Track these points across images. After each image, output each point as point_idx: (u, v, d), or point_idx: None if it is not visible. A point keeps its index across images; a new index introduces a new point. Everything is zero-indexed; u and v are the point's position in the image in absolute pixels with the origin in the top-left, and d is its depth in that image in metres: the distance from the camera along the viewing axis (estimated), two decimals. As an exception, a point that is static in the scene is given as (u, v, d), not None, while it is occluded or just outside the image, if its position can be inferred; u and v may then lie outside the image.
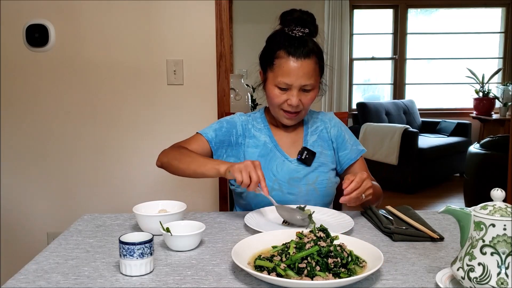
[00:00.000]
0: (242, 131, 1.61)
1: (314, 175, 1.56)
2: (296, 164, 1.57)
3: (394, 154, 4.96)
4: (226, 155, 1.59)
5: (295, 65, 1.46)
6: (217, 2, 2.32)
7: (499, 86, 6.11)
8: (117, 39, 2.35)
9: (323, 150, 1.61)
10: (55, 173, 2.42)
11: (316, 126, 1.66)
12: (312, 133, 1.64)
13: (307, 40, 1.49)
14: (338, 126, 1.66)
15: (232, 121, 1.62)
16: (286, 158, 1.58)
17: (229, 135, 1.60)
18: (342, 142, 1.64)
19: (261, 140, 1.60)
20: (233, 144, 1.60)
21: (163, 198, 1.78)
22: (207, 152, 1.58)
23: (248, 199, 1.55)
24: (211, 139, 1.58)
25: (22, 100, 2.37)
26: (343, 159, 1.63)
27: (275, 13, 1.57)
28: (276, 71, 1.49)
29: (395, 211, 1.41)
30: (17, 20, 2.32)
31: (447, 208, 0.91)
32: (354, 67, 6.27)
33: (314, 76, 1.49)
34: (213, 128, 1.61)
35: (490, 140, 3.92)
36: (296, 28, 1.49)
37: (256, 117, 1.66)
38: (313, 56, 1.48)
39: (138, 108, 2.39)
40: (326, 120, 1.67)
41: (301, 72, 1.46)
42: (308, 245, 1.01)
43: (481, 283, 0.83)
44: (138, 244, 1.01)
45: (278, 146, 1.60)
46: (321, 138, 1.63)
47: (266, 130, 1.63)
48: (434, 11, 6.33)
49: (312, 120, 1.67)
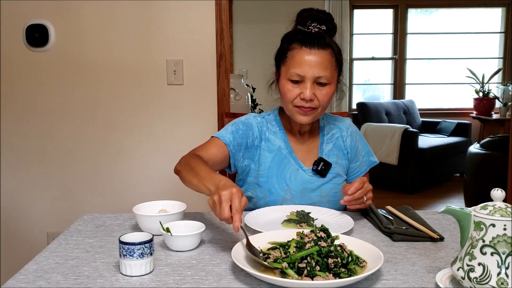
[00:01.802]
0: (259, 133, 1.54)
1: (328, 186, 1.52)
2: (311, 175, 1.52)
3: (394, 154, 4.96)
4: (243, 158, 1.53)
5: (308, 55, 1.39)
6: (217, 2, 2.32)
7: (499, 86, 6.11)
8: (117, 39, 2.35)
9: (338, 160, 1.56)
10: (55, 173, 2.42)
11: (332, 133, 1.59)
12: (328, 141, 1.58)
13: (323, 36, 1.43)
14: (354, 136, 1.60)
15: (248, 123, 1.54)
16: (300, 167, 1.52)
17: (246, 137, 1.52)
18: (355, 154, 1.60)
19: (276, 145, 1.53)
20: (249, 147, 1.52)
21: (163, 198, 1.77)
22: (226, 156, 1.50)
23: (252, 204, 1.54)
24: (229, 142, 1.49)
25: (22, 100, 2.37)
26: (353, 171, 1.60)
27: (275, 13, 1.57)
28: (288, 64, 1.43)
29: (395, 211, 1.41)
30: (17, 20, 2.32)
31: (447, 208, 0.91)
32: (354, 67, 6.27)
33: (329, 68, 1.41)
34: (229, 131, 1.52)
35: (490, 140, 3.92)
36: (312, 24, 1.44)
37: (270, 119, 1.59)
38: (328, 48, 1.41)
39: (138, 108, 2.39)
40: (343, 128, 1.60)
41: (314, 62, 1.39)
42: (308, 245, 1.01)
43: (481, 283, 0.83)
44: (138, 244, 1.01)
45: (293, 153, 1.53)
46: (336, 147, 1.58)
47: (281, 134, 1.55)
48: (434, 11, 6.33)
49: (329, 126, 1.60)
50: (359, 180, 1.33)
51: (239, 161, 1.52)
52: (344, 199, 1.32)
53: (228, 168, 1.56)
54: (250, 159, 1.53)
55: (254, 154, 1.53)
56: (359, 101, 5.73)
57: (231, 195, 1.10)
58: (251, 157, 1.53)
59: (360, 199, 1.32)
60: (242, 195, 1.12)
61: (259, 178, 1.51)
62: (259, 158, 1.52)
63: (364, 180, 1.34)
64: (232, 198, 1.10)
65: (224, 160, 1.50)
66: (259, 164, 1.52)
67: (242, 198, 1.11)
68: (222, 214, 1.08)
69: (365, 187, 1.33)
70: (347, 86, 1.62)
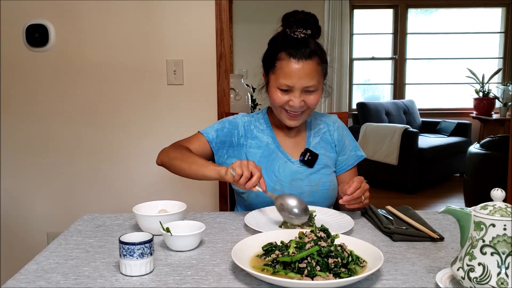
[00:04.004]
0: (244, 132, 1.60)
1: (317, 176, 1.56)
2: (299, 165, 1.56)
3: (394, 154, 4.96)
4: (227, 156, 1.59)
5: (296, 67, 1.44)
6: (217, 2, 2.32)
7: (499, 86, 6.11)
8: (117, 39, 2.35)
9: (326, 152, 1.60)
10: (55, 173, 2.42)
11: (319, 128, 1.65)
12: (315, 135, 1.63)
13: (309, 42, 1.47)
14: (341, 130, 1.65)
15: (234, 122, 1.61)
16: (288, 159, 1.57)
17: (230, 135, 1.59)
18: (342, 147, 1.64)
19: (264, 141, 1.59)
20: (234, 145, 1.59)
21: (163, 198, 1.77)
22: (208, 152, 1.58)
23: (250, 199, 1.55)
24: (211, 139, 1.57)
25: (22, 100, 2.37)
26: (340, 163, 1.63)
27: (275, 13, 1.56)
28: (277, 73, 1.47)
29: (395, 211, 1.41)
30: (17, 20, 2.32)
31: (447, 208, 0.91)
32: (354, 67, 6.27)
33: (316, 77, 1.47)
34: (214, 128, 1.60)
35: (490, 140, 3.92)
36: (298, 29, 1.48)
37: (258, 117, 1.65)
38: (315, 57, 1.46)
39: (138, 108, 2.39)
40: (330, 123, 1.66)
41: (303, 73, 1.44)
42: (308, 245, 1.01)
43: (481, 283, 0.83)
44: (138, 244, 1.01)
45: (281, 147, 1.59)
46: (324, 140, 1.62)
47: (268, 131, 1.61)
48: (434, 11, 6.33)
49: (316, 122, 1.66)
50: (357, 179, 1.36)
51: (223, 157, 1.59)
52: (344, 199, 1.34)
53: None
54: (236, 157, 1.58)
55: (240, 152, 1.59)
56: (359, 101, 5.73)
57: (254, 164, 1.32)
58: (237, 156, 1.58)
59: (359, 199, 1.35)
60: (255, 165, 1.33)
61: None
62: (247, 156, 1.57)
63: (361, 179, 1.38)
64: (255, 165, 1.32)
65: (205, 155, 1.58)
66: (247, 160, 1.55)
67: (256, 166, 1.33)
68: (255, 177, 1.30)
69: (363, 187, 1.36)
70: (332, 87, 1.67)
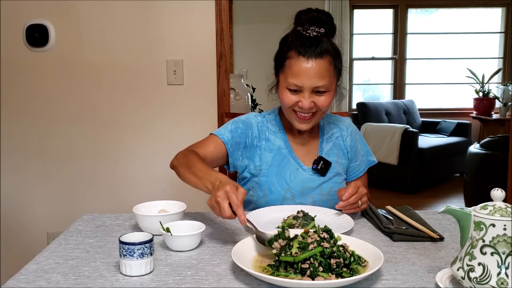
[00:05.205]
0: (258, 132, 1.53)
1: (328, 185, 1.52)
2: (311, 173, 1.52)
3: (394, 154, 4.96)
4: (241, 157, 1.53)
5: (305, 66, 1.37)
6: (217, 2, 2.32)
7: (499, 86, 6.11)
8: (117, 39, 2.35)
9: (338, 159, 1.56)
10: (55, 173, 2.42)
11: (332, 133, 1.59)
12: (328, 140, 1.58)
13: (321, 40, 1.40)
14: (354, 135, 1.61)
15: (248, 122, 1.54)
16: (300, 166, 1.52)
17: (245, 136, 1.52)
18: (355, 153, 1.60)
19: (276, 145, 1.53)
20: (248, 146, 1.52)
21: (163, 198, 1.77)
22: (223, 154, 1.51)
23: (253, 203, 1.54)
24: (227, 141, 1.50)
25: (22, 100, 2.37)
26: (352, 170, 1.60)
27: (275, 13, 1.56)
28: (286, 73, 1.41)
29: (395, 211, 1.41)
30: (17, 20, 2.32)
31: (447, 208, 0.91)
32: (354, 67, 6.27)
33: (327, 77, 1.40)
34: (228, 129, 1.52)
35: (490, 140, 3.92)
36: (310, 27, 1.41)
37: (270, 119, 1.58)
38: (327, 56, 1.39)
39: (138, 108, 2.39)
40: (343, 128, 1.61)
41: (312, 72, 1.37)
42: (312, 245, 1.01)
43: (481, 283, 0.83)
44: (138, 244, 1.01)
45: (293, 152, 1.53)
46: (336, 146, 1.58)
47: (281, 134, 1.55)
48: (434, 11, 6.33)
49: (329, 126, 1.60)
50: (353, 185, 1.35)
51: (238, 160, 1.53)
52: (339, 204, 1.34)
53: (227, 166, 1.56)
54: (249, 158, 1.53)
55: (253, 153, 1.52)
56: (359, 101, 5.72)
57: (226, 193, 1.12)
58: (250, 157, 1.52)
59: (355, 204, 1.35)
60: (237, 188, 1.14)
61: (260, 178, 1.51)
62: (259, 158, 1.52)
63: (358, 184, 1.36)
64: (228, 196, 1.12)
65: (221, 158, 1.51)
66: (259, 163, 1.52)
67: (238, 191, 1.14)
68: (224, 214, 1.12)
69: (360, 192, 1.34)
70: (346, 89, 1.60)
